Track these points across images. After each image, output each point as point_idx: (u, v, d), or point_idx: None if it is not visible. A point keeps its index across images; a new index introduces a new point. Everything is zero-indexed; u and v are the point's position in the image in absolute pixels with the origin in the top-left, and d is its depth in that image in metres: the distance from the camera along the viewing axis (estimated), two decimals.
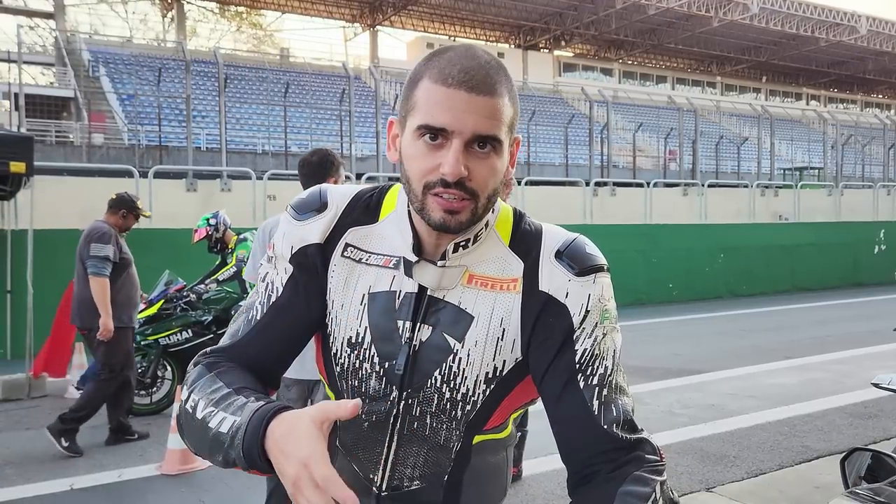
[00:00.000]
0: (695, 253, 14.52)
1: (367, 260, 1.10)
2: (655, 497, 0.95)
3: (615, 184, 19.06)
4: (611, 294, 1.08)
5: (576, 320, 1.03)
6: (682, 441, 5.06)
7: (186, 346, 6.00)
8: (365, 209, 1.13)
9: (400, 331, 1.07)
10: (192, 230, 6.48)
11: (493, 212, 1.09)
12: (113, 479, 4.51)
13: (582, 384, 1.02)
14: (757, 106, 24.81)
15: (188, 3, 41.45)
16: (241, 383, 1.01)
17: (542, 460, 4.45)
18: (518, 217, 1.13)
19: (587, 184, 16.16)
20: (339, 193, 1.14)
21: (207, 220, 6.34)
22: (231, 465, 0.94)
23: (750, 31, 40.81)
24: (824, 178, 26.55)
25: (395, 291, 1.07)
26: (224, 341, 1.12)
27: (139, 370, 5.79)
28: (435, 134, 0.98)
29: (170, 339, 5.95)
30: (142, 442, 5.21)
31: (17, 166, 6.25)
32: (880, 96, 56.26)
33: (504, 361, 1.06)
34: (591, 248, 1.08)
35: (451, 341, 1.06)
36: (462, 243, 1.07)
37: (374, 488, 1.13)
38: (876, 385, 2.44)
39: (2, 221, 7.90)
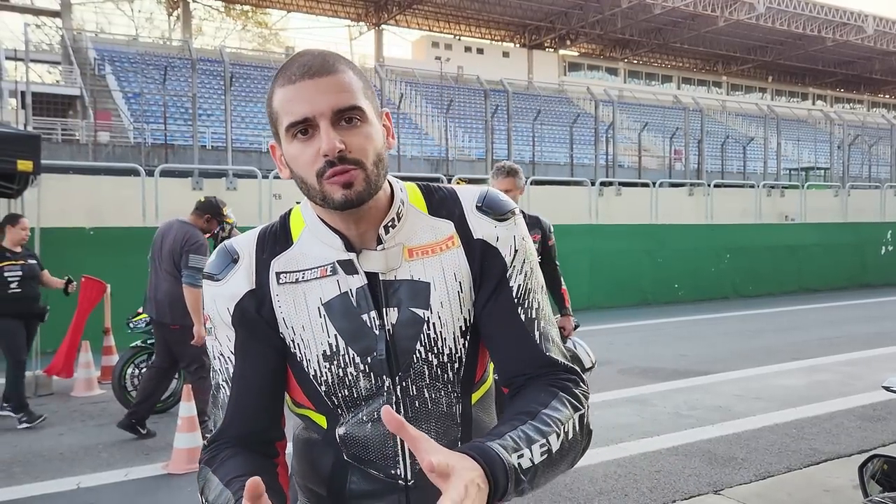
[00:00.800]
0: (701, 253, 14.47)
1: (303, 278, 1.13)
2: (584, 415, 1.08)
3: (621, 183, 19.02)
4: (527, 233, 1.21)
5: (507, 260, 1.15)
6: (690, 443, 5.04)
7: None
8: (274, 240, 1.17)
9: (369, 323, 1.11)
10: None
11: (401, 190, 1.17)
12: (119, 477, 4.52)
13: (523, 317, 1.13)
14: (763, 106, 24.77)
15: (194, 1, 41.55)
16: (233, 473, 1.06)
17: None
18: (425, 188, 1.20)
19: (592, 183, 16.12)
20: (244, 240, 1.18)
21: None
22: None
23: (756, 30, 40.73)
24: (831, 179, 26.45)
25: (346, 292, 1.11)
26: (215, 427, 1.17)
27: (144, 368, 5.79)
28: (304, 128, 1.05)
29: None
30: (148, 441, 5.22)
31: (24, 164, 6.26)
32: (887, 96, 56.08)
33: (470, 311, 1.14)
34: (502, 196, 1.20)
35: (420, 311, 1.11)
36: (389, 224, 1.12)
37: (399, 482, 1.14)
38: (887, 388, 2.42)
39: None
